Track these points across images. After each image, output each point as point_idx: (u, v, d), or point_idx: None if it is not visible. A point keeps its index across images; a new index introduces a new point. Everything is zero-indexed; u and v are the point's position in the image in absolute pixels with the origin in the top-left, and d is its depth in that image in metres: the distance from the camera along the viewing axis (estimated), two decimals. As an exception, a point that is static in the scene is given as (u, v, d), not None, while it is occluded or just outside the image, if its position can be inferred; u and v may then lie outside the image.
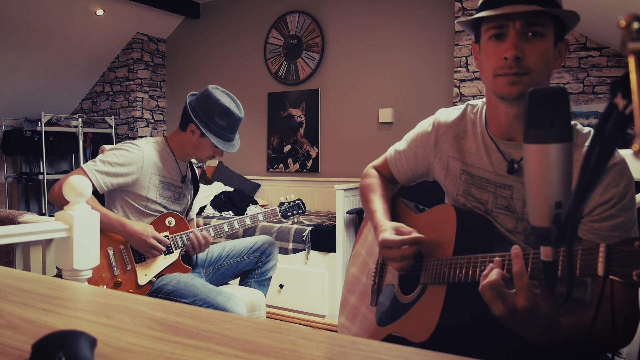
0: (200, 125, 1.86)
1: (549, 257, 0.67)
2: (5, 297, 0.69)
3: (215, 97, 1.88)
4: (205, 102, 1.89)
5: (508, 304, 0.84)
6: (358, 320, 1.33)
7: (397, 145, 1.33)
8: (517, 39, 0.95)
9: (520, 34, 0.95)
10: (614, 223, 0.94)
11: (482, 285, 0.87)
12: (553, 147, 0.63)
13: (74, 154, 5.21)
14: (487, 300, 0.87)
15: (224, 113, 1.88)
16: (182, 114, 1.95)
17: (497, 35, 0.98)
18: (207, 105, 1.88)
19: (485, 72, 1.03)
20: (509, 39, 0.96)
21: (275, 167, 4.52)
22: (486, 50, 1.02)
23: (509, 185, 1.06)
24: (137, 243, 1.80)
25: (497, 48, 0.98)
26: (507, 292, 0.84)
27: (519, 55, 0.95)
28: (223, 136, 1.91)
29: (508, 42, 0.96)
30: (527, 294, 0.82)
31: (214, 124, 1.88)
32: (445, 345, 0.71)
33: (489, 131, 1.10)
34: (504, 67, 0.97)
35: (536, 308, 0.82)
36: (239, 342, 0.53)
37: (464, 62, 3.48)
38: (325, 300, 3.17)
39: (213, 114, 1.87)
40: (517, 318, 0.85)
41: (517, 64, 0.95)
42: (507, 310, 0.84)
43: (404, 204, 1.33)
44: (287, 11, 4.44)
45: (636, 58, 0.42)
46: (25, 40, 4.48)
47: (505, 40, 0.97)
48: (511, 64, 0.95)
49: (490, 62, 1.00)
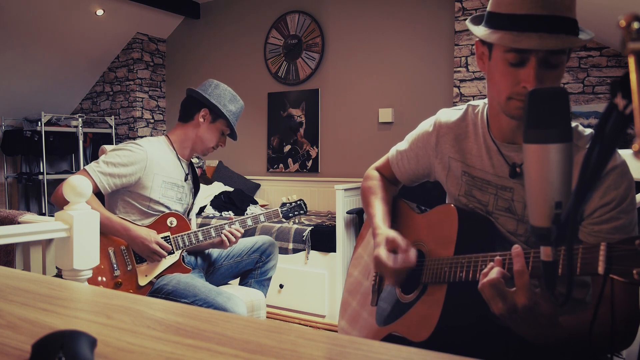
0: (217, 106, 1.93)
1: (549, 257, 0.67)
2: (5, 297, 0.69)
3: (223, 85, 2.00)
4: (214, 89, 1.98)
5: (508, 302, 0.84)
6: (359, 325, 1.33)
7: (399, 146, 1.34)
8: (539, 69, 0.91)
9: (542, 63, 0.92)
10: (615, 225, 0.93)
11: (481, 284, 0.87)
12: (553, 147, 0.63)
13: (74, 154, 5.21)
14: (486, 298, 0.87)
15: (234, 99, 2.00)
16: (187, 104, 2.00)
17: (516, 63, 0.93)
18: (217, 92, 1.97)
19: (496, 88, 0.99)
20: (530, 68, 0.91)
21: (275, 167, 4.52)
22: (501, 69, 0.96)
23: (509, 187, 1.06)
24: (139, 248, 1.80)
25: (515, 73, 0.94)
26: (507, 290, 0.84)
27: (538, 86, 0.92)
28: (233, 122, 2.00)
29: (529, 71, 0.92)
30: (527, 293, 0.82)
31: (225, 108, 1.96)
32: (445, 345, 0.71)
33: (490, 134, 1.10)
34: (520, 95, 0.94)
35: (536, 307, 0.82)
36: (239, 342, 0.53)
37: (464, 62, 3.48)
38: (325, 301, 3.17)
39: (225, 99, 1.97)
40: (516, 317, 0.85)
41: None
42: (506, 309, 0.84)
43: (405, 205, 1.33)
44: (287, 11, 4.44)
45: (636, 58, 0.42)
46: (25, 40, 4.48)
47: (524, 66, 0.93)
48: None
49: (505, 84, 0.96)
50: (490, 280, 0.85)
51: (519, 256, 0.83)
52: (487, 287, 0.86)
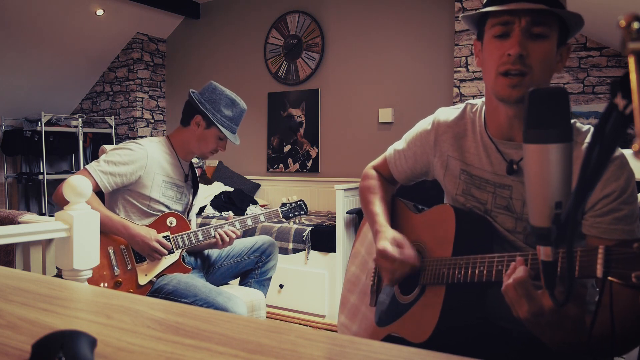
0: (207, 115, 1.90)
1: (548, 257, 0.67)
2: (5, 297, 0.69)
3: (221, 88, 1.96)
4: (210, 93, 1.94)
5: (535, 304, 0.79)
6: (358, 319, 1.33)
7: (397, 145, 1.33)
8: (522, 37, 0.95)
9: (525, 32, 0.96)
10: (616, 216, 0.93)
11: (506, 285, 0.82)
12: (553, 147, 0.63)
13: (74, 154, 5.20)
14: (510, 301, 0.82)
15: (230, 103, 1.94)
16: (185, 109, 1.98)
17: (502, 34, 0.99)
18: (213, 97, 1.93)
19: (487, 69, 1.03)
20: (514, 36, 0.96)
21: (275, 167, 4.52)
22: (489, 47, 1.02)
23: (508, 185, 1.06)
24: (139, 246, 1.80)
25: (501, 45, 0.98)
26: (535, 291, 0.80)
27: (523, 53, 0.95)
28: (229, 127, 1.95)
29: (512, 39, 0.96)
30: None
31: (220, 114, 1.92)
32: (444, 346, 0.71)
33: (488, 131, 1.10)
34: (506, 64, 0.97)
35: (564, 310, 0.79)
36: (239, 342, 0.53)
37: (464, 62, 3.48)
38: (325, 300, 3.17)
39: (220, 105, 1.92)
40: (543, 320, 0.80)
41: (520, 61, 0.95)
42: (533, 312, 0.80)
43: (403, 204, 1.32)
44: (287, 11, 4.44)
45: (636, 58, 0.42)
46: (25, 41, 4.48)
47: (509, 38, 0.97)
48: (514, 61, 0.95)
49: (493, 60, 1.00)
50: (518, 279, 0.79)
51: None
52: (513, 287, 0.80)
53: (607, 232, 0.93)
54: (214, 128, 1.92)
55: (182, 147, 1.98)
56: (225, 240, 1.93)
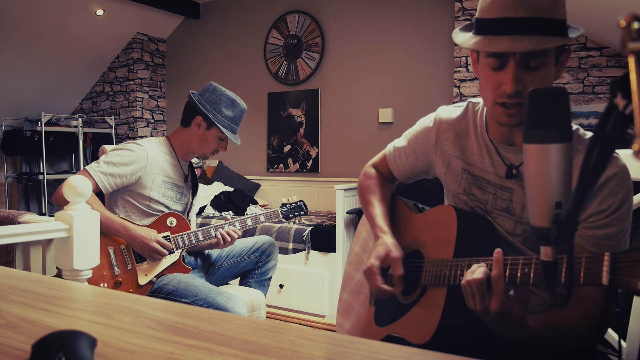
0: (208, 115, 1.90)
1: (549, 257, 0.67)
2: (5, 297, 0.69)
3: (221, 89, 1.96)
4: (211, 94, 1.93)
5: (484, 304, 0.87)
6: (351, 317, 1.33)
7: (397, 142, 1.32)
8: (517, 71, 0.92)
9: (521, 66, 0.92)
10: (607, 232, 0.94)
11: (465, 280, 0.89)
12: (553, 147, 0.63)
13: (74, 154, 5.21)
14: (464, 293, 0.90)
15: (231, 103, 1.94)
16: (185, 110, 1.98)
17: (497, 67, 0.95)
18: (213, 97, 1.93)
19: (483, 93, 1.02)
20: (509, 70, 0.92)
21: (275, 167, 4.52)
22: (485, 72, 0.98)
23: (509, 187, 1.06)
24: (140, 247, 1.80)
25: (497, 76, 0.95)
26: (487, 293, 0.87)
27: (519, 89, 0.93)
28: (230, 127, 1.95)
29: (508, 73, 0.92)
30: (500, 299, 0.85)
31: (221, 114, 1.92)
32: (445, 347, 0.71)
33: (489, 134, 1.10)
34: (503, 97, 0.95)
35: (507, 313, 0.85)
36: (239, 342, 0.53)
37: (464, 62, 3.48)
38: (325, 300, 3.17)
39: (220, 105, 1.92)
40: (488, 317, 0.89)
41: (517, 95, 0.94)
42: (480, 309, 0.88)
43: (403, 203, 1.32)
44: (287, 11, 4.44)
45: (636, 58, 0.42)
46: (25, 40, 4.48)
47: (504, 69, 0.93)
48: (511, 95, 0.94)
49: (489, 90, 0.98)
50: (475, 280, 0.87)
51: (497, 262, 0.85)
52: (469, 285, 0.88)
53: (596, 246, 0.95)
54: (215, 129, 1.92)
55: (183, 147, 1.98)
56: (227, 240, 1.93)
